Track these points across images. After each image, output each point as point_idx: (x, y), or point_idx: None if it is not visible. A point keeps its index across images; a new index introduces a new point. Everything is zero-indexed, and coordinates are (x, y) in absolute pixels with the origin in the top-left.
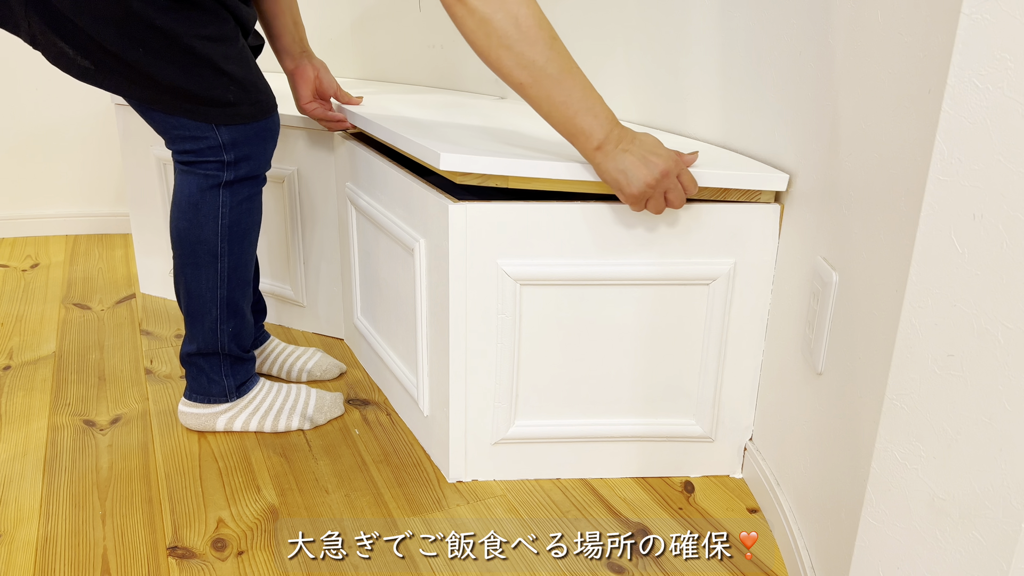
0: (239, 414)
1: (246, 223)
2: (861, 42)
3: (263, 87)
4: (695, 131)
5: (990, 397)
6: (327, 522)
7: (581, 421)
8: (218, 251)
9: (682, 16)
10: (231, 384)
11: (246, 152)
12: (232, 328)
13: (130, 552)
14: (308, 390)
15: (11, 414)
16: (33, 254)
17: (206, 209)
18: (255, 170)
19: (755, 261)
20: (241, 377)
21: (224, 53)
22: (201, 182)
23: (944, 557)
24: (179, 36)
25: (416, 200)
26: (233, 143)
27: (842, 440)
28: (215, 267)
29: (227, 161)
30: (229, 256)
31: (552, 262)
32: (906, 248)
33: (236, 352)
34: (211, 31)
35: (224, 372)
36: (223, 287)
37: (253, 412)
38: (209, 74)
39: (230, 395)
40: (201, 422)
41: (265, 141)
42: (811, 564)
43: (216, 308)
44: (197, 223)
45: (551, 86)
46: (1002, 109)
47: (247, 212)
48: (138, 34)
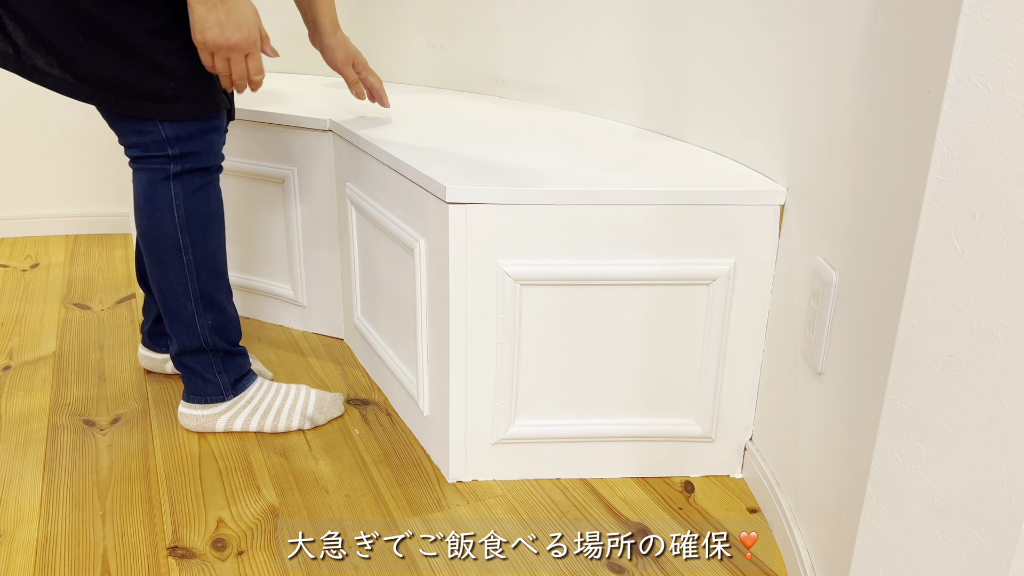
0: (238, 414)
1: (204, 213)
2: (861, 42)
3: (208, 85)
4: (695, 129)
5: (990, 397)
6: (327, 522)
7: (581, 421)
8: (180, 244)
9: (681, 17)
10: (225, 381)
11: (191, 147)
12: (212, 321)
13: (130, 552)
14: (308, 390)
15: (11, 414)
16: (33, 254)
17: (160, 203)
18: (203, 163)
19: (755, 261)
20: (235, 373)
21: (163, 48)
22: (151, 176)
23: (944, 557)
24: (115, 29)
25: (416, 200)
26: (177, 138)
27: (842, 440)
28: (181, 261)
29: (172, 155)
30: (193, 248)
31: (552, 262)
32: (906, 248)
33: (223, 346)
34: (150, 25)
35: (216, 369)
36: (193, 280)
37: (253, 412)
38: (147, 68)
39: (226, 393)
40: (200, 423)
41: (210, 137)
42: (811, 564)
43: (191, 303)
44: (155, 219)
45: None
46: (1002, 109)
47: (203, 202)
48: (76, 26)
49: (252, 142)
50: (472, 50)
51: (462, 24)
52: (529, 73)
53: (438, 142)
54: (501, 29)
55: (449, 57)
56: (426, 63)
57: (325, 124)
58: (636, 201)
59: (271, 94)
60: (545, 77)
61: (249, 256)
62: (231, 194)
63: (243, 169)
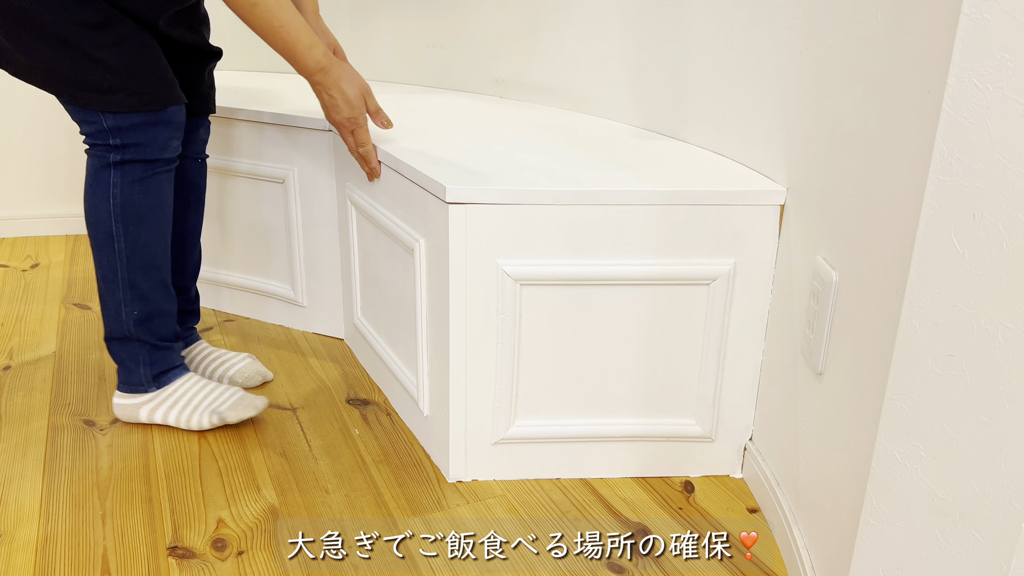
0: (159, 406)
1: (141, 205)
2: (861, 42)
3: (152, 78)
4: (695, 129)
5: (990, 397)
6: (327, 522)
7: (581, 421)
8: (113, 231)
9: (682, 17)
10: (147, 373)
11: (133, 139)
12: (138, 312)
13: (130, 552)
14: (233, 389)
15: (11, 414)
16: (33, 254)
17: (99, 188)
18: (145, 155)
19: (755, 261)
20: (160, 366)
21: (96, 39)
22: (95, 162)
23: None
24: (46, 21)
25: (416, 200)
26: (118, 128)
27: (842, 440)
28: (112, 248)
29: (113, 145)
30: (125, 238)
31: (552, 262)
32: (906, 248)
33: (148, 338)
34: (81, 17)
35: (140, 360)
36: (123, 268)
37: (172, 406)
38: (82, 60)
39: (147, 385)
40: (127, 412)
41: (156, 130)
42: (811, 564)
43: (119, 290)
44: (93, 203)
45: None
46: (1002, 109)
47: (140, 194)
48: (14, 20)
49: (252, 142)
50: (472, 50)
51: (462, 24)
52: (529, 73)
53: (438, 142)
54: (501, 29)
55: (449, 57)
56: (426, 63)
57: (325, 124)
58: (636, 201)
59: (271, 94)
60: (545, 77)
61: (249, 256)
62: (231, 194)
63: (243, 169)
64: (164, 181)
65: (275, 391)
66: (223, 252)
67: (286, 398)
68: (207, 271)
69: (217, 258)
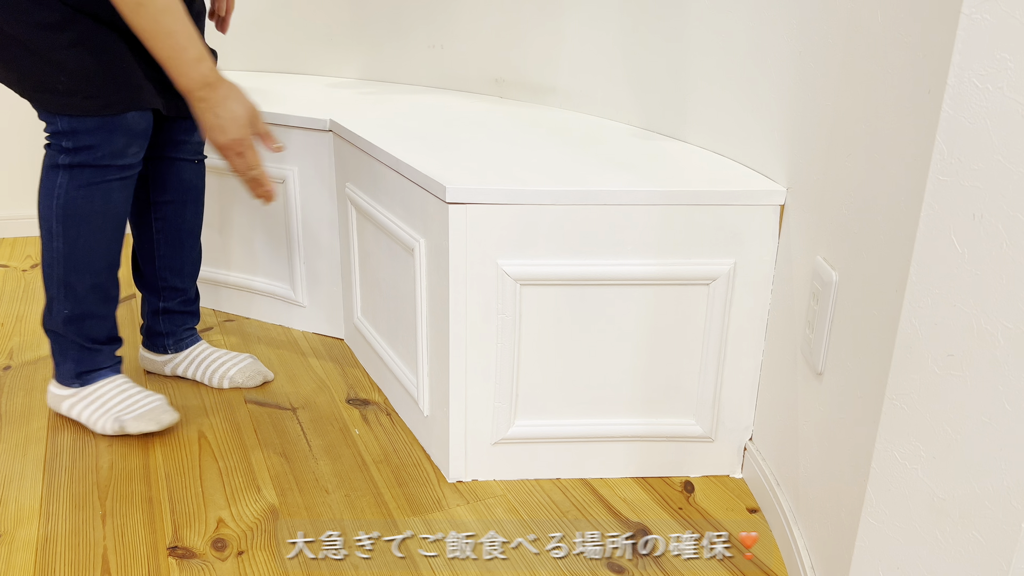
0: (78, 403)
1: (83, 209)
2: (861, 42)
3: (110, 82)
4: (695, 129)
5: (990, 397)
6: (327, 522)
7: (581, 421)
8: (52, 231)
9: (681, 17)
10: (69, 369)
11: (86, 142)
12: (68, 312)
13: (130, 552)
14: (151, 400)
15: (11, 414)
16: (33, 254)
17: (46, 186)
18: (97, 161)
19: (755, 261)
20: (85, 367)
21: (51, 41)
22: (47, 160)
23: (944, 557)
24: (2, 21)
25: (416, 200)
26: (72, 131)
27: (842, 440)
28: (51, 246)
29: (65, 147)
30: (63, 239)
31: (552, 262)
32: (906, 248)
33: (77, 339)
34: (35, 18)
35: (67, 357)
36: (59, 267)
37: (87, 406)
38: (38, 61)
39: (70, 381)
40: (53, 401)
41: (111, 136)
42: (811, 564)
43: (53, 287)
44: (40, 199)
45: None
46: (1002, 109)
47: (85, 198)
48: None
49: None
50: (472, 50)
51: (462, 24)
52: (529, 73)
53: (438, 142)
54: (501, 29)
55: (449, 57)
56: (426, 63)
57: (325, 124)
58: (636, 201)
59: (271, 94)
60: (545, 77)
61: (249, 256)
62: (231, 194)
63: None
64: (115, 188)
65: (275, 391)
66: (223, 252)
67: (286, 398)
68: (207, 271)
69: (217, 258)
